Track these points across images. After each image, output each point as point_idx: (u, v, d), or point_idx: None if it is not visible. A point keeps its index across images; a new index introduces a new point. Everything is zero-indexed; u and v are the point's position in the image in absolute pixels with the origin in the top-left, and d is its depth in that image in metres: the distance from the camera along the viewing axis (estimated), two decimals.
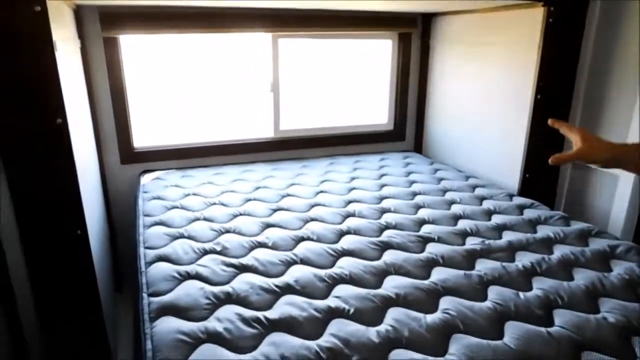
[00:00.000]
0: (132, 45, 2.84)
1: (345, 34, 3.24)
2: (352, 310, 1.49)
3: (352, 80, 3.43)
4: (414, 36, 3.35)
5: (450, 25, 3.13)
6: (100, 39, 2.63)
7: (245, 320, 1.43)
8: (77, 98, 2.21)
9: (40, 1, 1.53)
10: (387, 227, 2.14)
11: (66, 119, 1.64)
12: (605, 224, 2.39)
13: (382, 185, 2.72)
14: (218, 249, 1.90)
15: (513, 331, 1.39)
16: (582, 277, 1.69)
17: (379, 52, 3.44)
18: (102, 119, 2.77)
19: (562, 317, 1.46)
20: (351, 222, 2.18)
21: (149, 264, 1.81)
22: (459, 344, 1.33)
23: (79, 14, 2.55)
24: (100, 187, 2.68)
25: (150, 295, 1.61)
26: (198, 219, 2.21)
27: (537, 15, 2.36)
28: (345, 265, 1.78)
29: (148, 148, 2.99)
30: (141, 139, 2.99)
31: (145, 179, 2.77)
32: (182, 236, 2.03)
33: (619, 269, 1.74)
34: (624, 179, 2.30)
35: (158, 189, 2.59)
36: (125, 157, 2.89)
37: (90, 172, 2.28)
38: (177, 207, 2.35)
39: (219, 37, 3.01)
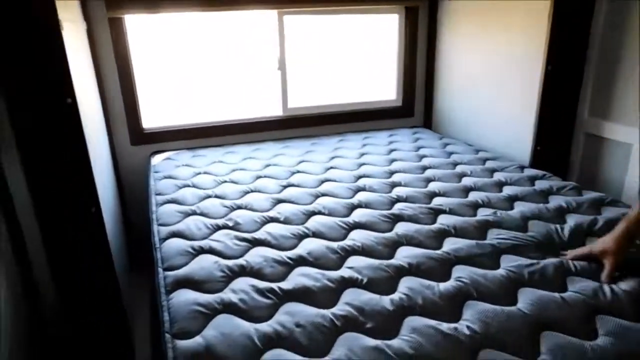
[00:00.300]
0: (139, 26, 2.83)
1: (350, 9, 3.20)
2: (365, 280, 1.50)
3: (360, 57, 3.40)
4: (421, 10, 3.30)
5: (458, 2, 3.08)
6: (105, 20, 2.63)
7: (260, 291, 1.45)
8: (85, 80, 2.22)
9: None
10: (398, 200, 2.14)
11: (75, 98, 1.65)
12: (618, 193, 2.37)
13: (392, 160, 2.71)
14: (230, 224, 1.92)
15: (527, 297, 1.39)
16: None
17: (386, 28, 3.40)
18: (111, 100, 2.78)
19: (576, 284, 1.46)
20: (362, 196, 2.18)
21: (163, 240, 1.83)
22: (473, 310, 1.34)
23: None
24: (112, 168, 2.70)
25: (165, 269, 1.63)
26: (209, 197, 2.23)
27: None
28: (357, 237, 1.79)
29: (158, 129, 3.00)
30: (151, 120, 3.00)
31: (156, 160, 2.79)
32: (194, 213, 2.05)
33: None
34: (637, 147, 2.27)
35: (169, 169, 2.61)
36: (135, 138, 2.91)
37: (101, 153, 2.29)
38: (188, 186, 2.37)
39: (225, 15, 2.99)
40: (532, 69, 2.48)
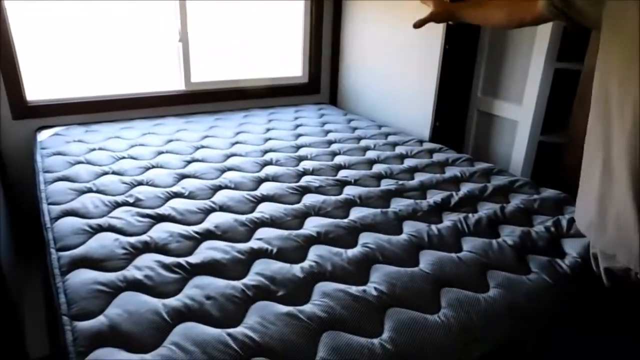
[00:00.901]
0: None
1: None
2: (275, 250, 1.50)
3: (266, 33, 3.35)
4: None
5: None
6: None
7: (167, 267, 1.40)
8: None
9: None
10: (305, 173, 2.16)
11: None
12: (506, 164, 2.60)
13: (298, 135, 2.73)
14: (131, 200, 1.82)
15: (427, 259, 1.49)
16: (485, 209, 1.84)
17: (292, 5, 3.37)
18: None
19: (469, 244, 1.58)
20: (269, 170, 2.17)
21: (55, 219, 1.69)
22: (380, 272, 1.40)
23: None
24: None
25: (59, 250, 1.50)
26: (107, 173, 2.08)
27: None
28: (266, 209, 1.78)
29: (44, 102, 2.72)
30: (37, 92, 2.71)
31: (43, 135, 2.54)
32: (90, 190, 1.91)
33: (516, 200, 1.91)
34: (523, 122, 2.50)
35: (59, 145, 2.39)
36: (18, 111, 2.61)
37: None
38: (82, 162, 2.20)
39: None
40: (431, 48, 2.61)
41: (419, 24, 1.63)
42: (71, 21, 2.74)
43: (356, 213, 1.77)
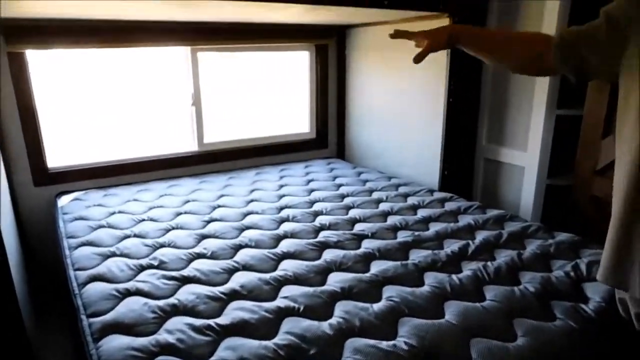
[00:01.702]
0: (43, 60, 2.68)
1: (263, 47, 3.29)
2: (302, 308, 1.52)
3: (273, 91, 3.49)
4: (331, 47, 3.49)
5: (365, 36, 3.31)
6: (4, 54, 2.45)
7: (197, 329, 1.42)
8: None
9: None
10: (322, 228, 2.21)
11: None
12: (516, 209, 2.65)
13: (311, 191, 2.79)
14: (155, 263, 1.85)
15: (452, 309, 1.51)
16: (502, 256, 1.87)
17: (298, 63, 3.53)
18: (10, 139, 2.57)
19: (492, 292, 1.60)
20: (287, 227, 2.22)
21: (82, 285, 1.72)
22: (407, 325, 1.42)
23: None
24: (12, 211, 2.47)
25: (89, 316, 1.53)
26: (128, 236, 2.13)
27: (444, 25, 2.57)
28: (288, 267, 1.81)
29: (64, 168, 2.81)
30: (56, 159, 2.81)
31: (63, 201, 2.61)
32: (114, 254, 1.95)
33: (532, 246, 1.94)
34: (530, 168, 2.57)
35: (79, 210, 2.45)
36: (39, 178, 2.70)
37: (2, 196, 2.11)
38: (103, 226, 2.25)
39: (136, 50, 2.93)
40: (436, 101, 2.72)
41: (418, 59, 1.54)
42: (87, 90, 2.87)
43: (377, 266, 1.80)
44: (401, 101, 3.05)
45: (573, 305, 1.52)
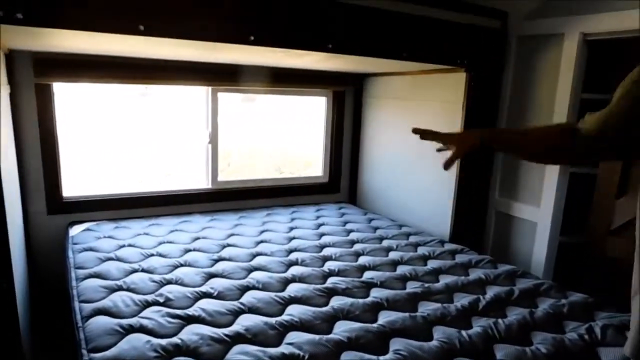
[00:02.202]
0: (65, 91, 2.76)
1: (282, 90, 3.37)
2: (307, 356, 1.49)
3: (288, 134, 3.55)
4: (348, 94, 3.56)
5: (383, 85, 3.38)
6: (32, 86, 2.54)
7: None
8: (5, 146, 2.10)
9: None
10: (331, 274, 2.18)
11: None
12: (527, 265, 2.60)
13: (321, 235, 2.78)
14: (161, 300, 1.84)
15: None
16: (514, 314, 1.82)
17: (314, 107, 3.60)
18: (29, 168, 2.62)
19: (502, 351, 1.56)
20: (295, 270, 2.20)
21: (86, 318, 1.71)
22: None
23: (11, 59, 2.46)
24: (23, 238, 2.49)
25: (90, 351, 1.51)
26: (136, 271, 2.13)
27: (461, 78, 2.63)
28: (295, 312, 1.78)
29: (78, 198, 2.84)
30: (71, 189, 2.85)
31: (75, 230, 2.63)
32: (120, 288, 1.94)
33: (544, 305, 1.90)
34: (542, 224, 2.55)
35: (90, 240, 2.46)
36: (53, 207, 2.73)
37: (15, 223, 2.13)
38: (112, 259, 2.25)
39: (156, 89, 3.02)
40: (448, 154, 2.73)
41: (447, 166, 1.46)
42: (105, 123, 2.94)
43: (385, 317, 1.77)
44: (415, 150, 3.07)
45: None
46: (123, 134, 2.98)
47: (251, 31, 1.95)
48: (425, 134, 1.50)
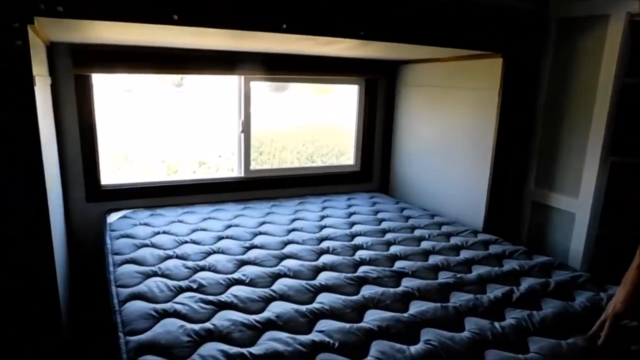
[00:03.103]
0: (104, 83, 2.84)
1: (315, 79, 3.36)
2: (337, 344, 1.50)
3: (321, 123, 3.55)
4: (380, 82, 3.52)
5: (416, 72, 3.32)
6: (71, 76, 2.62)
7: (230, 357, 1.41)
8: (47, 135, 2.18)
9: (23, 36, 1.55)
10: (362, 262, 2.18)
11: (41, 156, 1.64)
12: (564, 257, 2.53)
13: (352, 224, 2.77)
14: (194, 286, 1.88)
15: (493, 359, 1.44)
16: (549, 306, 1.77)
17: (341, 95, 3.58)
18: (69, 156, 2.72)
19: (536, 344, 1.52)
20: (326, 259, 2.20)
21: (123, 302, 1.76)
22: None
23: (51, 51, 2.54)
24: (64, 225, 2.59)
25: (127, 334, 1.56)
26: (170, 257, 2.18)
27: (496, 65, 2.56)
28: (325, 300, 1.79)
29: (115, 186, 2.93)
30: (108, 177, 2.93)
31: (112, 218, 2.71)
32: (155, 274, 1.99)
33: (582, 298, 1.84)
34: (581, 215, 2.46)
35: (126, 227, 2.54)
36: (92, 194, 2.82)
37: (56, 210, 2.21)
38: (147, 246, 2.31)
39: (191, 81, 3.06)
40: (484, 139, 2.68)
41: (603, 342, 1.50)
42: (140, 113, 3.01)
43: (416, 307, 1.75)
44: (449, 139, 3.02)
45: None
46: (159, 125, 3.04)
47: (283, 19, 1.94)
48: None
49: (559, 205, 2.60)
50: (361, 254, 2.28)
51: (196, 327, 1.57)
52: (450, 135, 3.01)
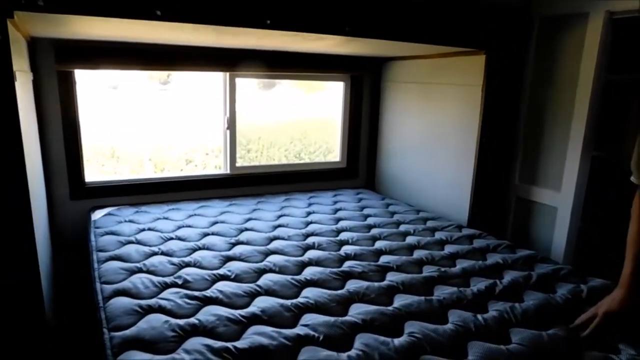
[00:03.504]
0: (87, 80, 2.81)
1: (300, 75, 3.37)
2: (321, 337, 1.51)
3: (306, 119, 3.55)
4: (366, 78, 3.53)
5: (401, 69, 3.34)
6: (54, 72, 2.59)
7: (215, 351, 1.41)
8: (29, 132, 2.15)
9: (2, 30, 1.53)
10: (347, 258, 2.19)
11: (22, 152, 1.62)
12: (547, 251, 2.57)
13: (338, 220, 2.79)
14: (179, 282, 1.87)
15: (476, 350, 1.46)
16: (531, 298, 1.80)
17: (332, 92, 3.59)
18: (52, 153, 2.69)
19: (518, 335, 1.55)
20: (311, 254, 2.21)
21: (107, 299, 1.75)
22: None
23: (33, 46, 2.51)
24: (47, 223, 2.56)
25: (111, 330, 1.55)
26: (156, 254, 2.17)
27: (480, 61, 2.58)
28: (310, 294, 1.80)
29: (99, 183, 2.91)
30: (93, 174, 2.91)
31: (97, 215, 2.69)
32: (140, 270, 1.98)
33: (563, 290, 1.87)
34: (563, 209, 2.50)
35: (111, 224, 2.52)
36: (76, 192, 2.80)
37: (39, 208, 2.19)
38: (132, 242, 2.30)
39: (177, 80, 3.05)
40: (469, 135, 2.71)
41: (588, 334, 1.54)
42: (124, 109, 2.99)
43: (400, 300, 1.77)
44: (433, 135, 3.05)
45: (605, 356, 1.45)
46: (146, 123, 3.02)
47: (267, 15, 1.94)
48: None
49: (542, 200, 2.64)
50: (347, 249, 2.29)
51: (181, 322, 1.57)
52: (435, 131, 3.04)
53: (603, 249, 2.49)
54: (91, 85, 2.84)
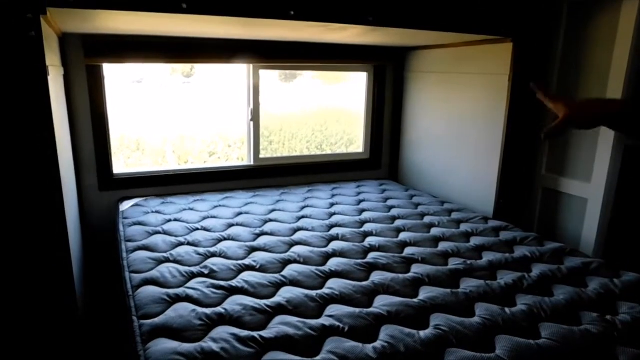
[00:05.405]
0: (115, 70, 2.85)
1: (323, 66, 3.35)
2: (346, 328, 1.51)
3: (329, 110, 3.54)
4: (389, 68, 3.50)
5: (425, 58, 3.29)
6: (83, 67, 2.64)
7: (242, 340, 1.43)
8: (61, 125, 2.20)
9: (36, 26, 1.56)
10: (371, 249, 2.18)
11: (55, 144, 1.66)
12: (576, 243, 2.51)
13: (362, 211, 2.78)
14: (206, 272, 1.90)
15: (503, 344, 1.44)
16: (561, 293, 1.77)
17: (353, 84, 3.56)
18: (82, 145, 2.75)
19: (547, 330, 1.52)
20: (336, 245, 2.21)
21: (136, 287, 1.79)
22: (455, 357, 1.37)
23: (64, 42, 2.56)
24: (78, 214, 2.62)
25: (140, 318, 1.58)
26: (182, 244, 2.20)
27: (507, 49, 2.52)
28: (335, 285, 1.80)
29: (127, 175, 2.96)
30: (120, 166, 2.96)
31: (125, 206, 2.74)
32: (167, 260, 2.02)
33: (594, 284, 1.83)
34: (593, 201, 2.44)
35: (138, 215, 2.57)
36: (104, 183, 2.86)
37: (70, 199, 2.24)
38: (159, 233, 2.34)
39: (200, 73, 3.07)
40: (494, 128, 2.66)
41: (549, 133, 1.25)
42: (151, 101, 3.03)
43: (425, 292, 1.76)
44: (458, 125, 3.00)
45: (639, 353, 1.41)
46: (170, 116, 3.06)
47: (291, 6, 1.94)
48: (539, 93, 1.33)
49: (571, 191, 2.58)
50: (371, 240, 2.28)
51: (208, 311, 1.59)
52: (459, 122, 2.99)
53: (636, 242, 2.42)
54: (117, 80, 2.88)
